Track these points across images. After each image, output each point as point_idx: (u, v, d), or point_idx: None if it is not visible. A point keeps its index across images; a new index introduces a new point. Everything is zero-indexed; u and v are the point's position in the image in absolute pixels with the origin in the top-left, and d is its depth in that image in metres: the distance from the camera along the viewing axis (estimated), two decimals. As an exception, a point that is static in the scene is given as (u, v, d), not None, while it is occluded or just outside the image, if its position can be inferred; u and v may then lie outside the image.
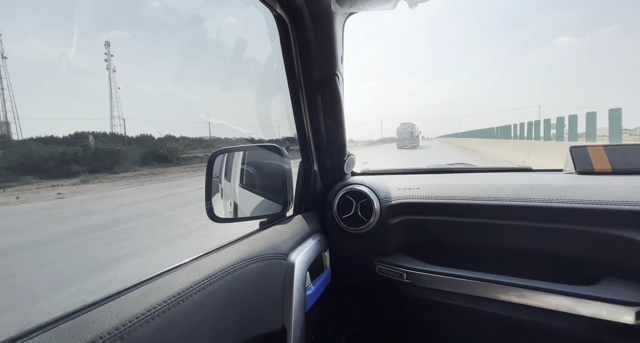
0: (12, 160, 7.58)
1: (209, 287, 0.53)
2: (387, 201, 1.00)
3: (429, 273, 0.91)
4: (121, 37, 26.89)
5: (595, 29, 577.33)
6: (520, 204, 0.83)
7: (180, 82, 13.84)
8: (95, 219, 4.97)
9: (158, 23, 25.58)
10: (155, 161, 10.90)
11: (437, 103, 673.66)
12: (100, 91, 22.52)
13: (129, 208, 5.75)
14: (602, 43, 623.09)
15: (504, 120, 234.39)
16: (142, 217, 4.92)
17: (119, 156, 10.00)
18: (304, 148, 1.08)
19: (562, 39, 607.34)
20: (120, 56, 16.15)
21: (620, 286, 0.70)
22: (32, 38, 51.97)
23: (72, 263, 3.07)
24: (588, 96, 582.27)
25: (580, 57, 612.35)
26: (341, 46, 0.99)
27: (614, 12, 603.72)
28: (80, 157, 8.76)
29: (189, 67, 13.74)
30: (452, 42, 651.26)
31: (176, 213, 5.20)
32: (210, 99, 11.58)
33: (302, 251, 0.81)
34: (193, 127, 31.49)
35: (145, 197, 6.99)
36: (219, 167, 1.71)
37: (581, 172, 0.97)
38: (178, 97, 22.97)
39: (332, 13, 0.87)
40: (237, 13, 5.53)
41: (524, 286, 0.78)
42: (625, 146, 0.95)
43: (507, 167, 1.20)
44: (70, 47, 3.12)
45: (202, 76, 17.28)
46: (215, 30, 7.06)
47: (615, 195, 0.75)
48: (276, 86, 1.12)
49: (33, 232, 4.38)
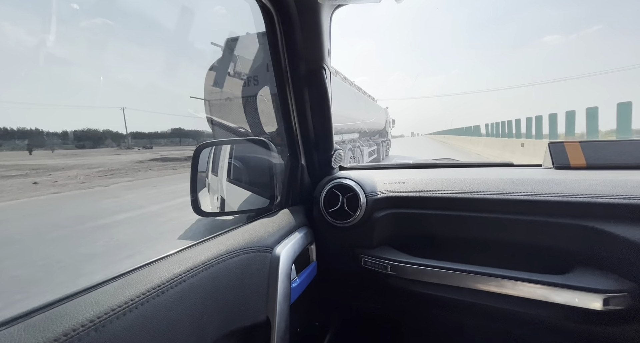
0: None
1: (190, 279, 0.52)
2: (373, 195, 1.02)
3: (413, 265, 0.93)
4: (104, 25, 25.56)
5: (581, 28, 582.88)
6: (501, 197, 0.85)
7: (164, 74, 13.34)
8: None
9: (141, 13, 24.48)
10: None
11: (429, 99, 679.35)
12: (80, 81, 21.28)
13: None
14: (587, 41, 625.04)
15: (494, 116, 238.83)
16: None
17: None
18: (291, 142, 1.07)
19: (549, 37, 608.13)
20: (100, 44, 15.36)
21: (590, 274, 0.74)
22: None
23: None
24: (574, 94, 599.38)
25: (568, 54, 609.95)
26: (328, 39, 0.99)
27: (599, 11, 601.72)
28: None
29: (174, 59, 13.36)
30: (442, 38, 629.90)
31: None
32: (195, 92, 11.49)
33: (287, 244, 0.82)
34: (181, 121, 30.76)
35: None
36: (205, 160, 1.68)
37: (558, 167, 1.00)
38: (162, 89, 22.19)
39: (318, 5, 0.86)
40: (224, 3, 5.35)
41: (502, 276, 0.81)
42: (599, 142, 0.99)
43: (489, 162, 1.24)
44: (49, 35, 2.92)
45: (187, 68, 17.01)
46: (201, 20, 6.94)
47: (588, 188, 0.78)
48: (263, 80, 1.11)
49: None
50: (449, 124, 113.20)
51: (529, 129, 14.72)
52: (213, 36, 2.11)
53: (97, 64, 6.77)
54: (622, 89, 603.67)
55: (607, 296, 0.68)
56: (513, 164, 1.20)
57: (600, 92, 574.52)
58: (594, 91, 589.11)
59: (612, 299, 0.68)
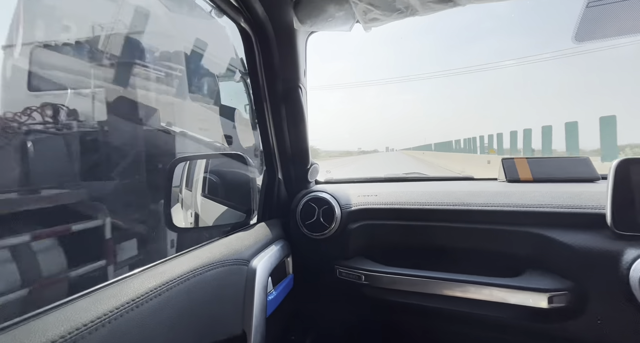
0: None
1: (165, 293, 0.52)
2: (348, 207, 1.06)
3: (385, 274, 0.97)
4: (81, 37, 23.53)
5: (533, 54, 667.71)
6: (462, 208, 0.94)
7: (140, 88, 12.70)
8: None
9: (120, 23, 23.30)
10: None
11: (402, 116, 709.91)
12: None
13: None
14: (539, 66, 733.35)
15: (463, 132, 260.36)
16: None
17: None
18: (268, 157, 1.10)
19: (509, 61, 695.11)
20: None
21: (538, 276, 0.82)
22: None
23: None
24: (531, 113, 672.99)
25: (523, 77, 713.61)
26: (304, 61, 1.05)
27: (546, 41, 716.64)
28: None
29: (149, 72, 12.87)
30: (412, 59, 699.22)
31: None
32: (172, 107, 11.03)
33: (264, 257, 0.83)
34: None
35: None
36: (179, 175, 1.65)
37: (510, 180, 1.12)
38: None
39: (294, 30, 0.93)
40: (203, 24, 5.33)
41: (466, 281, 0.88)
42: (542, 159, 1.13)
43: (453, 176, 1.35)
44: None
45: (163, 83, 16.44)
46: (180, 39, 6.73)
47: (533, 199, 0.88)
48: (241, 96, 1.15)
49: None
50: (422, 140, 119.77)
51: (490, 144, 16.34)
52: (192, 55, 2.14)
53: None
54: (573, 109, 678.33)
55: (551, 295, 0.76)
56: (473, 177, 1.31)
57: (557, 111, 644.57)
58: (551, 110, 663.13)
59: (555, 297, 0.76)
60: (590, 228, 0.78)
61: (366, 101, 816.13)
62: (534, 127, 13.21)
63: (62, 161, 1.15)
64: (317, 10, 0.81)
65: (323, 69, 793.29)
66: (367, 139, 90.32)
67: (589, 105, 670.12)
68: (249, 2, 0.80)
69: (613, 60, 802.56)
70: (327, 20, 0.85)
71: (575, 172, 1.07)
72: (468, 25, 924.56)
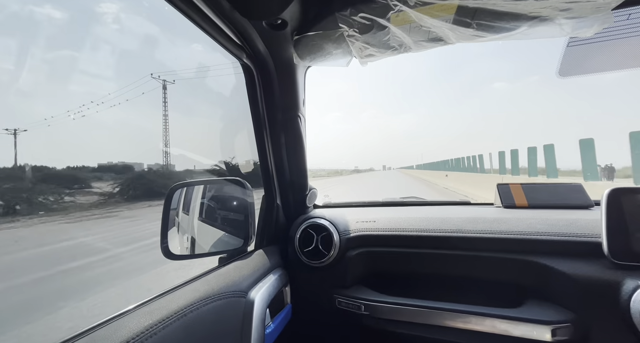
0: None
1: (162, 332, 0.51)
2: (346, 234, 1.06)
3: (385, 304, 0.95)
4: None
5: (523, 77, 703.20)
6: (459, 235, 0.94)
7: (142, 114, 13.09)
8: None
9: (124, 52, 25.15)
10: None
11: (399, 135, 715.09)
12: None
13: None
14: (529, 88, 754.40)
15: (458, 151, 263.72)
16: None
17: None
18: (267, 182, 1.12)
19: (498, 84, 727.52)
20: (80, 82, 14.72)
21: (540, 307, 0.81)
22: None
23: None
24: (522, 134, 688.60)
25: (513, 98, 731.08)
26: (303, 92, 1.10)
27: (535, 64, 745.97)
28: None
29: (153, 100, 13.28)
30: (408, 80, 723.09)
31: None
32: (174, 132, 11.33)
33: (262, 287, 0.81)
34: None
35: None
36: (177, 201, 1.64)
37: (506, 206, 1.13)
38: (136, 127, 21.25)
39: (294, 65, 0.98)
40: (207, 58, 5.63)
41: (467, 312, 0.86)
42: (537, 185, 1.15)
43: (450, 200, 1.36)
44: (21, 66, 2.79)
45: (170, 110, 17.12)
46: (184, 71, 7.04)
47: (529, 226, 0.89)
48: (241, 124, 1.18)
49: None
50: (419, 159, 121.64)
51: (481, 164, 17.23)
52: (194, 86, 2.23)
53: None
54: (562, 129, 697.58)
55: (554, 327, 0.75)
56: (470, 202, 1.32)
57: (544, 131, 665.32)
58: (537, 131, 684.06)
59: (558, 330, 0.74)
60: (587, 257, 0.78)
61: (362, 121, 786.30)
62: (520, 147, 14.68)
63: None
64: (316, 47, 0.86)
65: (320, 92, 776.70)
66: (363, 158, 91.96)
67: (562, 129, 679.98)
68: (251, 41, 0.85)
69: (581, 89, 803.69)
70: (325, 57, 0.89)
71: (569, 199, 1.09)
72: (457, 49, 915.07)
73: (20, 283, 3.62)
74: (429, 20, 0.73)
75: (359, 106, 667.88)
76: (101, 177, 9.37)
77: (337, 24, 0.77)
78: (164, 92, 15.33)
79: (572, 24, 0.70)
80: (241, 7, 0.72)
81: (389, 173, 54.86)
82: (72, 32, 22.65)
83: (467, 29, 0.74)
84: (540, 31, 0.72)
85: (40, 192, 6.75)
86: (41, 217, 7.63)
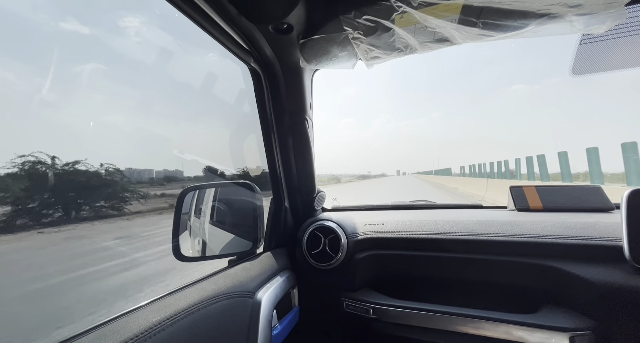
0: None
1: (169, 328, 0.52)
2: (354, 236, 1.05)
3: (394, 308, 0.93)
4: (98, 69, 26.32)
5: (542, 79, 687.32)
6: (470, 238, 0.92)
7: (156, 120, 13.59)
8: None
9: (136, 60, 26.17)
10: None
11: (413, 140, 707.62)
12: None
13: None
14: (548, 91, 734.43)
15: (476, 157, 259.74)
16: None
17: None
18: (276, 185, 1.13)
19: (516, 86, 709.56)
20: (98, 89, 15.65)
21: (557, 313, 0.78)
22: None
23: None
24: (532, 139, 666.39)
25: (532, 102, 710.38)
26: (310, 95, 1.11)
27: (556, 66, 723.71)
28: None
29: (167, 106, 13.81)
30: (421, 84, 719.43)
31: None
32: (185, 137, 11.74)
33: (269, 288, 0.82)
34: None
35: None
36: (189, 204, 1.68)
37: (520, 209, 1.10)
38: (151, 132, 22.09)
39: (301, 68, 0.99)
40: (216, 63, 5.84)
41: (480, 317, 0.83)
42: (552, 187, 1.11)
43: (461, 204, 1.33)
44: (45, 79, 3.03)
45: (180, 116, 17.62)
46: (194, 76, 7.39)
47: (544, 229, 0.86)
48: (249, 128, 1.20)
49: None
50: (435, 163, 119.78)
51: (492, 170, 17.09)
52: (205, 91, 2.28)
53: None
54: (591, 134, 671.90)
55: (573, 334, 0.71)
56: (482, 205, 1.29)
57: (555, 138, 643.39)
58: (552, 137, 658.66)
59: (577, 337, 0.71)
60: (607, 262, 0.74)
61: (377, 126, 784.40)
62: (534, 154, 14.48)
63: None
64: (322, 51, 0.87)
65: (329, 95, 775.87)
66: (375, 163, 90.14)
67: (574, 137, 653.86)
68: (259, 45, 0.87)
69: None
70: (331, 60, 0.91)
71: (587, 201, 1.04)
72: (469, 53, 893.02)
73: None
74: (433, 21, 0.72)
75: (370, 112, 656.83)
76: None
77: (341, 27, 0.78)
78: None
79: (584, 20, 0.68)
80: (247, 12, 0.74)
81: (404, 179, 52.22)
82: (93, 44, 23.41)
83: (473, 28, 0.74)
84: (550, 29, 0.71)
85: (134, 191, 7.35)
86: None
